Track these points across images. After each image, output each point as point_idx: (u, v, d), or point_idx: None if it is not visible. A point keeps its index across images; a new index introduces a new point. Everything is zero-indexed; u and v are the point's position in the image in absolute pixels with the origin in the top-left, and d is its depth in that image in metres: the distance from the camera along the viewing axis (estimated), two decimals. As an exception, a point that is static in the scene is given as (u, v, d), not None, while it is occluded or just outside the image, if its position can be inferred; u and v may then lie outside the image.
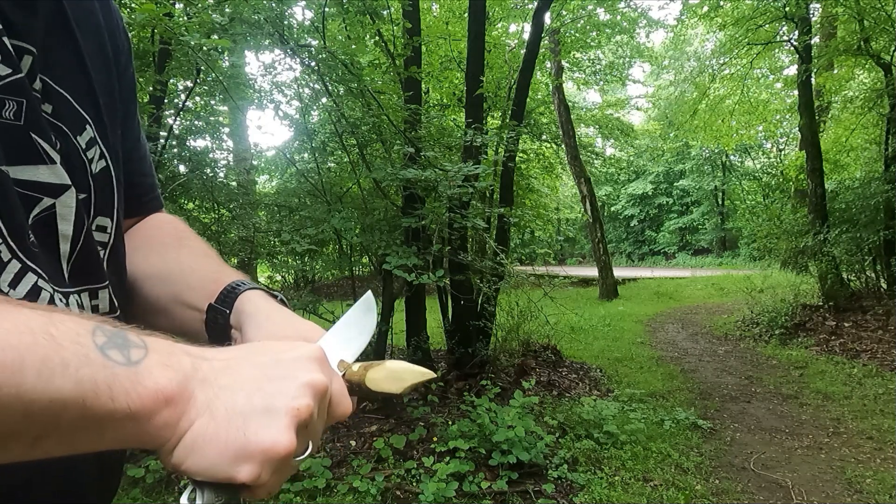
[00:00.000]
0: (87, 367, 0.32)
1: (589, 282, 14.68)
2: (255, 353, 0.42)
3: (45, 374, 0.30)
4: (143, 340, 0.37)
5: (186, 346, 0.40)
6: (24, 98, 0.46)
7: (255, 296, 0.60)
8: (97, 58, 0.57)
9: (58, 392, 0.31)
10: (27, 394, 0.30)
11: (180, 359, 0.37)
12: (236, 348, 0.43)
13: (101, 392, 0.32)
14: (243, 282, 0.62)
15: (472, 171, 4.20)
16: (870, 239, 7.86)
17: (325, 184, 5.15)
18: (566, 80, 14.03)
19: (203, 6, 4.31)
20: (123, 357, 0.34)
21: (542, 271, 7.18)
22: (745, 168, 27.38)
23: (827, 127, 11.84)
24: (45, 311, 0.34)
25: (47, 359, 0.31)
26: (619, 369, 6.14)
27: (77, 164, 0.53)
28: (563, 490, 3.17)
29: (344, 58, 4.20)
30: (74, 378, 0.31)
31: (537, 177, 14.51)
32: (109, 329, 0.36)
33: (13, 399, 0.29)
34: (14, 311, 0.32)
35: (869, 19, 8.09)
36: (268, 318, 0.57)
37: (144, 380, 0.34)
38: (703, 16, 11.33)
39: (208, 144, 6.35)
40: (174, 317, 0.63)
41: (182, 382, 0.36)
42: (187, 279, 0.64)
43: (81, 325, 0.34)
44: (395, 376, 0.51)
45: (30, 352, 0.30)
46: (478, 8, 5.47)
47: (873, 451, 3.71)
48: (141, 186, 0.71)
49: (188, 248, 0.69)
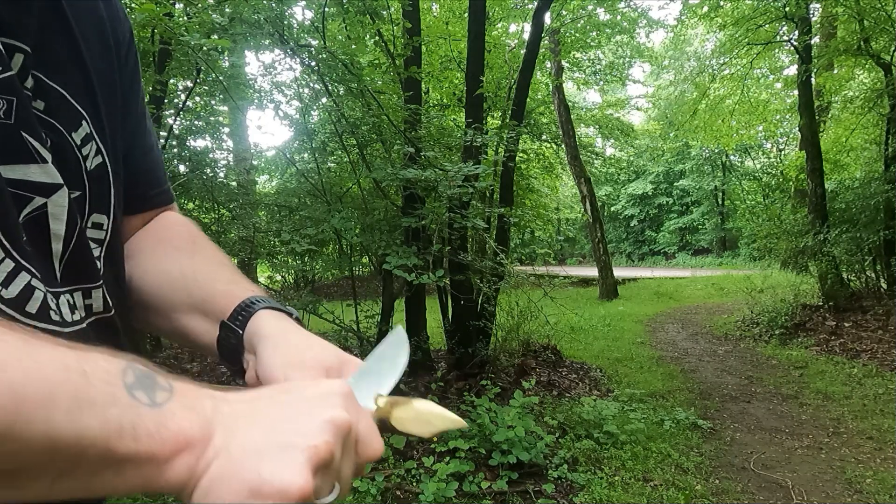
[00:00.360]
0: (115, 406, 0.32)
1: (589, 282, 14.68)
2: (278, 392, 0.41)
3: (75, 410, 0.30)
4: (169, 383, 0.37)
5: (211, 390, 0.39)
6: (14, 96, 0.45)
7: (270, 316, 0.58)
8: (97, 50, 0.56)
9: (85, 430, 0.31)
10: (55, 430, 0.30)
11: (203, 402, 0.37)
12: (260, 389, 0.42)
13: (125, 432, 0.32)
14: (258, 299, 0.60)
15: (472, 171, 4.20)
16: (870, 239, 7.86)
17: (325, 184, 5.15)
18: (566, 80, 14.04)
19: (203, 6, 4.31)
20: (149, 398, 0.34)
21: (542, 271, 7.18)
22: (745, 168, 27.37)
23: (827, 127, 11.84)
24: (81, 349, 0.34)
25: (78, 396, 0.31)
26: (619, 369, 6.14)
27: (71, 161, 0.52)
28: (563, 490, 3.17)
29: (344, 58, 4.20)
30: (102, 417, 0.31)
31: (537, 177, 14.51)
32: (140, 369, 0.36)
33: (41, 434, 0.29)
34: (50, 346, 0.32)
35: (869, 19, 8.09)
36: (284, 340, 0.55)
37: (167, 421, 0.34)
38: (703, 16, 11.33)
39: (208, 144, 6.36)
40: (185, 327, 0.62)
41: (203, 425, 0.36)
42: (201, 290, 0.62)
43: (113, 364, 0.34)
44: (423, 419, 0.49)
45: (62, 387, 0.30)
46: (478, 8, 5.47)
47: (873, 451, 3.71)
48: (147, 180, 0.68)
49: (202, 254, 0.67)
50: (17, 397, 0.28)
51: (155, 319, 0.65)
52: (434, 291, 5.64)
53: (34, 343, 0.32)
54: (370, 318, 5.14)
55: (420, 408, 0.49)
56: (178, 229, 0.70)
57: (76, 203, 0.53)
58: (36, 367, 0.30)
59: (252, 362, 0.56)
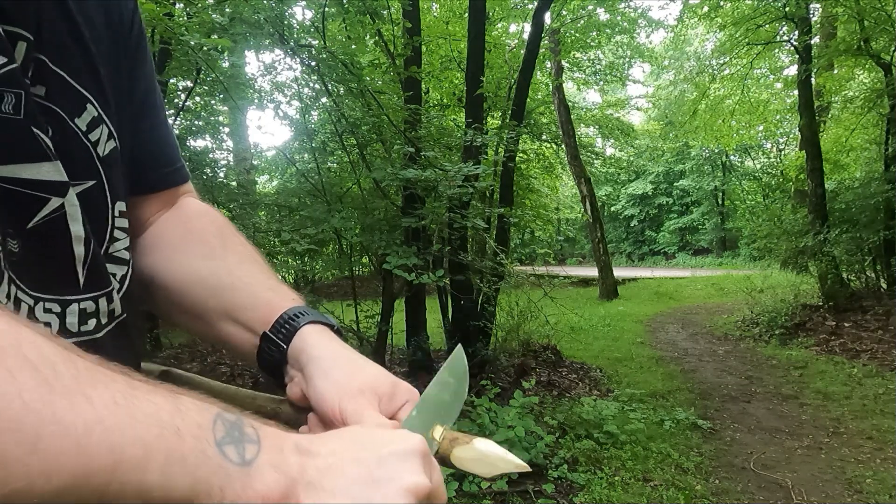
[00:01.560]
0: (205, 465, 0.32)
1: (589, 282, 14.67)
2: (356, 447, 0.41)
3: (167, 471, 0.31)
4: (257, 434, 0.36)
5: (295, 439, 0.39)
6: (21, 89, 0.42)
7: (316, 333, 0.56)
8: (98, 25, 0.53)
9: (176, 489, 0.31)
10: (147, 488, 0.30)
11: (289, 458, 0.37)
12: (337, 439, 0.42)
13: (213, 492, 0.32)
14: (300, 311, 0.58)
15: (472, 171, 4.20)
16: (870, 239, 7.86)
17: (325, 184, 5.15)
18: (566, 80, 14.03)
19: (203, 6, 4.31)
20: (238, 455, 0.34)
21: (542, 271, 7.18)
22: (745, 168, 27.37)
23: (827, 127, 11.83)
24: (173, 397, 0.34)
25: (170, 455, 0.31)
26: (619, 369, 6.14)
27: (77, 150, 0.49)
28: (563, 490, 3.17)
29: (344, 58, 4.20)
30: (192, 476, 0.32)
31: (537, 177, 14.50)
32: (228, 420, 0.35)
33: (133, 492, 0.30)
34: (147, 397, 0.32)
35: (869, 19, 8.08)
36: (334, 364, 0.54)
37: (255, 482, 0.34)
38: (703, 16, 11.33)
39: (208, 144, 6.36)
40: (222, 332, 0.60)
41: (289, 486, 0.36)
42: (239, 295, 0.59)
43: (203, 416, 0.34)
44: (486, 461, 0.47)
45: (156, 447, 0.30)
46: (478, 8, 5.47)
47: (873, 451, 3.71)
48: (159, 157, 0.65)
49: (233, 253, 0.64)
50: (115, 458, 0.29)
51: (183, 319, 0.63)
52: (434, 291, 5.64)
53: (133, 395, 0.31)
54: (370, 319, 5.14)
55: (482, 449, 0.47)
56: (204, 221, 0.66)
57: (94, 194, 0.50)
58: (132, 424, 0.30)
59: (297, 379, 0.55)
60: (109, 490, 0.29)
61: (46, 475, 0.26)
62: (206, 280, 0.60)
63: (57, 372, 0.28)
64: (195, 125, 5.96)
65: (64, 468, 0.27)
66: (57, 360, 0.29)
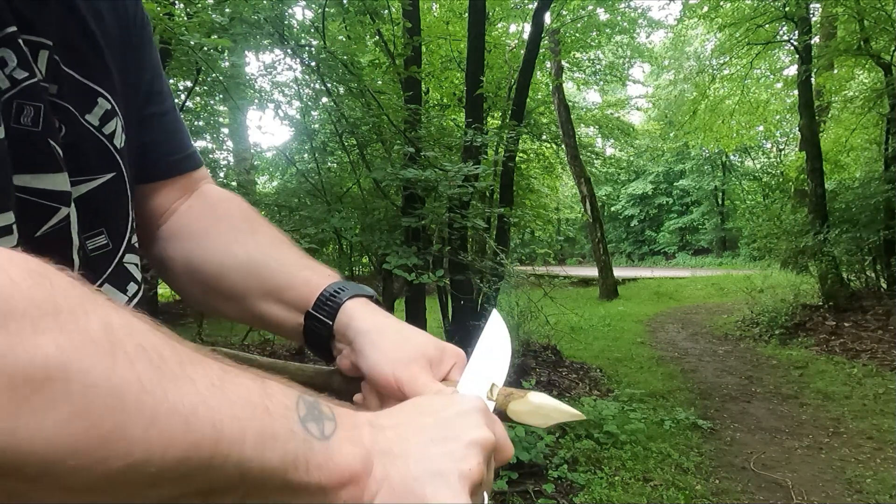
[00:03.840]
0: (293, 440, 0.35)
1: (589, 282, 14.68)
2: (418, 413, 0.44)
3: (261, 445, 0.33)
4: (332, 412, 0.39)
5: (367, 416, 0.42)
6: (41, 102, 0.44)
7: (360, 307, 0.59)
8: (106, 14, 0.54)
9: (268, 462, 0.34)
10: (244, 463, 0.33)
11: (362, 432, 0.40)
12: (400, 410, 0.45)
13: (300, 465, 0.35)
14: (341, 287, 0.60)
15: (472, 171, 4.20)
16: (870, 239, 7.86)
17: (325, 184, 5.15)
18: (566, 80, 14.04)
19: (203, 6, 4.31)
20: (319, 431, 0.37)
21: (542, 271, 7.17)
22: (745, 168, 27.38)
23: (827, 127, 11.83)
24: (260, 380, 0.37)
25: (263, 432, 0.34)
26: (619, 369, 6.14)
27: (90, 144, 0.50)
28: (563, 490, 3.17)
29: (344, 58, 4.20)
30: (282, 450, 0.34)
31: (537, 177, 14.50)
32: (309, 400, 0.38)
33: (233, 466, 0.32)
34: (238, 380, 0.35)
35: (869, 19, 8.09)
36: (382, 336, 0.56)
37: (335, 455, 0.37)
38: (703, 16, 11.33)
39: (208, 144, 6.36)
40: (263, 313, 0.62)
41: (365, 458, 0.38)
42: (277, 276, 0.62)
43: (288, 397, 0.37)
44: (541, 413, 0.50)
45: (251, 424, 0.33)
46: (478, 8, 5.47)
47: (873, 451, 3.71)
48: (171, 143, 0.66)
49: (265, 234, 0.66)
50: (217, 433, 0.31)
51: (222, 304, 0.64)
52: (434, 291, 5.64)
53: (226, 378, 0.34)
54: (370, 318, 5.13)
55: (537, 401, 0.50)
56: (230, 206, 0.68)
57: (115, 185, 0.53)
58: (229, 405, 0.33)
59: (346, 351, 0.58)
60: (213, 462, 0.31)
61: (163, 448, 0.29)
62: (243, 263, 0.62)
63: (164, 358, 0.31)
64: (195, 125, 5.95)
65: (176, 442, 0.30)
66: (163, 347, 0.31)
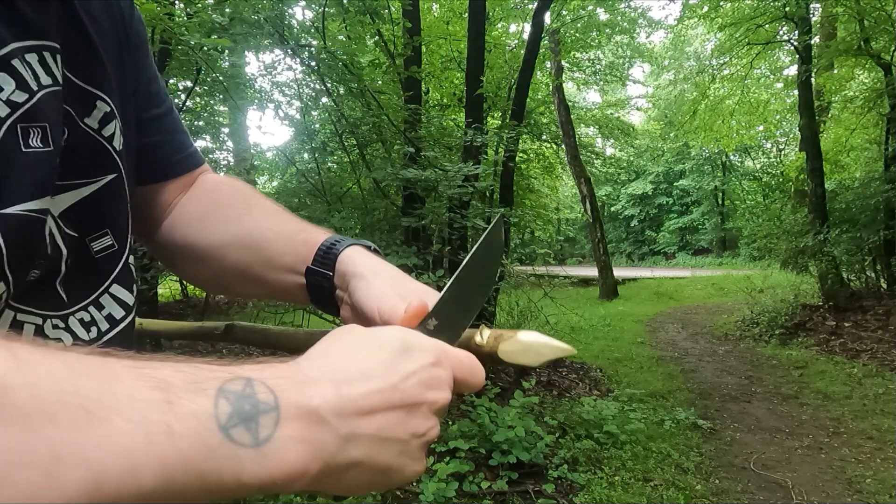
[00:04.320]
0: (210, 458, 0.29)
1: (589, 282, 14.67)
2: (370, 366, 0.38)
3: (164, 475, 0.28)
4: (275, 398, 0.32)
5: (319, 379, 0.35)
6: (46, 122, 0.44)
7: (356, 254, 0.58)
8: (102, 17, 0.54)
9: (181, 487, 0.29)
10: (148, 494, 0.27)
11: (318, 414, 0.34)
12: (342, 354, 0.39)
13: (226, 480, 0.30)
14: (337, 239, 0.59)
15: (472, 171, 4.20)
16: (870, 239, 7.86)
17: (325, 184, 5.15)
18: (566, 80, 14.04)
19: (203, 6, 4.31)
20: (251, 436, 0.31)
21: (542, 271, 7.17)
22: (745, 168, 27.39)
23: (827, 127, 11.83)
24: (163, 386, 0.30)
25: (165, 459, 0.28)
26: (619, 369, 6.14)
27: (90, 147, 0.51)
28: (563, 490, 3.17)
29: (344, 58, 4.21)
30: (198, 472, 0.29)
31: (537, 177, 14.52)
32: (235, 392, 0.31)
33: (133, 500, 0.27)
34: (127, 394, 0.28)
35: (869, 19, 8.09)
36: (376, 275, 0.54)
37: (272, 461, 0.31)
38: (703, 16, 11.33)
39: (208, 144, 6.36)
40: (269, 283, 0.62)
41: (315, 455, 0.33)
42: (274, 243, 0.61)
43: (201, 400, 0.30)
44: (532, 350, 0.48)
45: (146, 454, 0.27)
46: (478, 8, 5.47)
47: (873, 451, 3.71)
48: (173, 144, 0.66)
49: (259, 207, 0.66)
50: (95, 477, 0.25)
51: (229, 282, 0.65)
52: (434, 291, 5.63)
53: (112, 394, 0.28)
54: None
55: (527, 340, 0.49)
56: (225, 189, 0.69)
57: (116, 186, 0.53)
58: (113, 436, 0.26)
59: (346, 299, 0.56)
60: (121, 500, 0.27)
61: None
62: (242, 239, 0.62)
63: (7, 389, 0.24)
64: (195, 125, 5.96)
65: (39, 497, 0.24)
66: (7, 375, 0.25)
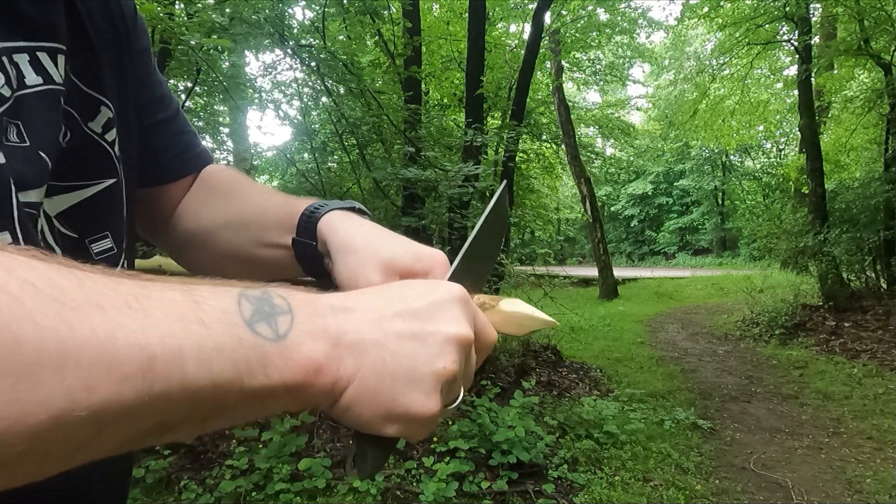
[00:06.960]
0: (241, 347, 0.32)
1: (589, 282, 14.68)
2: (393, 299, 0.40)
3: (205, 362, 0.30)
4: (287, 303, 0.35)
5: (329, 299, 0.38)
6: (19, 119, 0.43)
7: (337, 218, 0.56)
8: (103, 23, 0.54)
9: (219, 377, 0.31)
10: (192, 384, 0.30)
11: (326, 321, 0.36)
12: (375, 295, 0.41)
13: (256, 371, 0.32)
14: (319, 204, 0.58)
15: (472, 171, 4.20)
16: (870, 239, 7.86)
17: (325, 184, 5.15)
18: (566, 80, 14.04)
19: (203, 6, 4.31)
20: (272, 330, 0.34)
21: (542, 271, 7.17)
22: (745, 168, 27.40)
23: (827, 127, 11.84)
24: (188, 290, 0.32)
25: (202, 345, 0.30)
26: (619, 369, 6.14)
27: (92, 151, 0.51)
28: (563, 490, 3.17)
29: (344, 58, 4.21)
30: (232, 361, 0.31)
31: (537, 177, 14.52)
32: (254, 295, 0.34)
33: (179, 388, 0.29)
34: (159, 295, 0.31)
35: (869, 19, 8.09)
36: (354, 239, 0.53)
37: (294, 354, 0.34)
38: (703, 16, 11.33)
39: (208, 144, 6.36)
40: (262, 261, 0.61)
41: (330, 352, 0.36)
42: (262, 220, 0.62)
43: (225, 301, 0.33)
44: (515, 321, 0.48)
45: (185, 340, 0.30)
46: (478, 8, 5.47)
47: (873, 451, 3.71)
48: (177, 145, 0.67)
49: (247, 188, 0.67)
50: (147, 360, 0.28)
51: (229, 266, 0.65)
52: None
53: (145, 295, 0.30)
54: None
55: (509, 310, 0.48)
56: (220, 176, 0.70)
57: (114, 191, 0.53)
58: (154, 325, 0.29)
59: (331, 265, 0.55)
60: (154, 391, 0.28)
61: (86, 388, 0.26)
62: (232, 221, 0.64)
63: (61, 288, 0.27)
64: (195, 125, 5.96)
65: (99, 378, 0.26)
66: (57, 277, 0.27)
